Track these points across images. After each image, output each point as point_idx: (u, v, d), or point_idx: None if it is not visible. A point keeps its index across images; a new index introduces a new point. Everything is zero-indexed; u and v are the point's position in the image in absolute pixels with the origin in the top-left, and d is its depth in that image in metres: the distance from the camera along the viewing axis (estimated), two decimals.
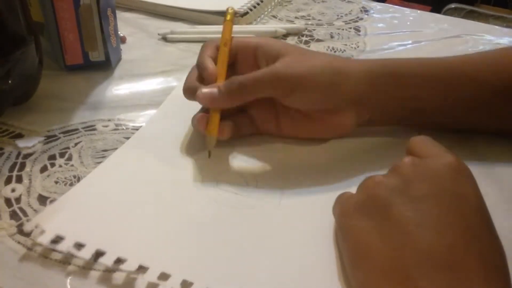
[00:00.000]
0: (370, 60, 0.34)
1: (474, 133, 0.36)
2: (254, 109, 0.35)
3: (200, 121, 0.33)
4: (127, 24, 0.56)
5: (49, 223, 0.27)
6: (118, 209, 0.29)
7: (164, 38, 0.53)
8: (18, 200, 0.30)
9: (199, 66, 0.34)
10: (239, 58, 0.35)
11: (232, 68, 0.35)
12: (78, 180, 0.32)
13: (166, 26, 0.55)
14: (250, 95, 0.32)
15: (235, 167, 0.33)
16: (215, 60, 0.34)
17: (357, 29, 0.58)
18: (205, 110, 0.34)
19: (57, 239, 0.27)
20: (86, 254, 0.26)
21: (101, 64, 0.45)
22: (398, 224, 0.22)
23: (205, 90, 0.32)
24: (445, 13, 1.34)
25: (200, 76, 0.34)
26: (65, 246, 0.26)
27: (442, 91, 0.33)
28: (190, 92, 0.34)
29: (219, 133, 0.33)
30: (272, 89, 0.32)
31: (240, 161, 0.34)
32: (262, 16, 0.60)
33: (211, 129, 0.32)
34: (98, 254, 0.26)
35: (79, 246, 0.26)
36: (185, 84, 0.35)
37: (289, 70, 0.32)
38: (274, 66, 0.32)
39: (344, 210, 0.26)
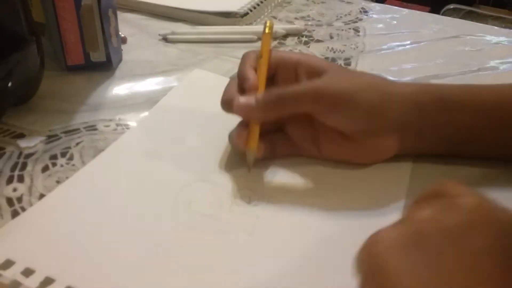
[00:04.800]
0: (416, 84, 0.33)
1: None
2: (292, 128, 0.33)
3: (240, 136, 0.31)
4: (128, 24, 0.56)
5: (1, 245, 0.26)
6: (77, 231, 0.28)
7: (165, 39, 0.53)
8: (19, 199, 0.30)
9: (240, 76, 0.33)
10: (279, 72, 0.34)
11: (272, 81, 0.34)
12: None
13: (167, 27, 0.55)
14: (289, 108, 0.31)
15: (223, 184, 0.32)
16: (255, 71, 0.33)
17: (356, 30, 0.58)
18: (243, 125, 0.32)
19: (7, 264, 0.25)
20: (33, 282, 0.24)
21: (102, 64, 0.45)
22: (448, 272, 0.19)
23: (242, 99, 0.31)
24: (444, 14, 1.35)
25: (240, 87, 0.33)
26: (12, 272, 0.25)
27: (493, 119, 0.31)
28: (228, 103, 0.32)
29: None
30: (313, 104, 0.30)
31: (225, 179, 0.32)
32: (262, 16, 0.60)
33: (251, 143, 0.31)
34: (47, 281, 0.25)
35: (28, 272, 0.25)
36: (223, 95, 0.33)
37: (332, 85, 0.30)
38: (317, 81, 0.31)
39: (386, 246, 0.20)
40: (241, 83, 0.32)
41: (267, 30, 0.36)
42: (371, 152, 0.32)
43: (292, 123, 0.33)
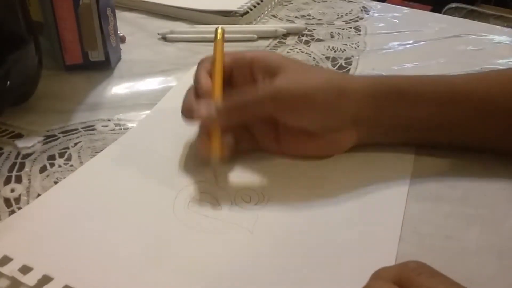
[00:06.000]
0: (371, 77, 0.34)
1: (469, 151, 0.34)
2: (254, 125, 0.34)
3: (202, 145, 0.31)
4: (127, 23, 0.56)
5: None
6: (76, 229, 0.28)
7: (164, 38, 0.53)
8: (17, 200, 0.30)
9: (195, 83, 0.33)
10: (235, 73, 0.34)
11: (229, 84, 0.34)
12: None
13: (166, 26, 0.55)
14: (250, 114, 0.31)
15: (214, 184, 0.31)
16: (211, 76, 0.33)
17: (357, 29, 0.58)
18: (204, 132, 0.32)
19: (5, 260, 0.25)
20: (31, 280, 0.24)
21: (100, 63, 0.45)
22: None
23: (202, 108, 0.30)
24: (446, 13, 1.34)
25: (196, 93, 0.33)
26: (9, 269, 0.24)
27: (444, 109, 0.32)
28: (188, 111, 0.32)
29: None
30: (272, 107, 0.31)
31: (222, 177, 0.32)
32: (262, 15, 0.60)
33: (214, 149, 0.30)
34: (45, 280, 0.24)
35: (26, 269, 0.25)
36: (183, 103, 0.33)
37: (289, 86, 0.31)
38: (274, 84, 0.31)
39: None
40: (196, 90, 0.33)
41: (218, 37, 0.35)
42: (330, 145, 0.33)
43: (254, 121, 0.34)
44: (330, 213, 0.30)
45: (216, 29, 0.36)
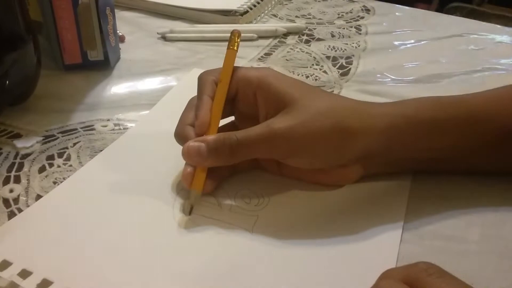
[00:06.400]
0: (388, 108, 0.30)
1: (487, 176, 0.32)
2: None
3: (186, 178, 0.29)
4: (126, 23, 0.56)
5: None
6: (75, 232, 0.27)
7: (164, 37, 0.53)
8: (16, 200, 0.30)
9: (195, 107, 0.31)
10: (239, 96, 0.31)
11: (232, 103, 0.32)
12: None
13: (166, 25, 0.55)
14: (241, 157, 0.29)
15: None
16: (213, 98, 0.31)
17: (358, 28, 0.57)
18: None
19: (4, 264, 0.25)
20: (30, 284, 0.24)
21: (99, 63, 0.45)
22: None
23: (192, 145, 0.28)
24: (447, 12, 1.34)
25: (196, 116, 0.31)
26: (9, 273, 0.24)
27: (463, 136, 0.30)
28: (181, 139, 0.30)
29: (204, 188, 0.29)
30: (268, 153, 0.29)
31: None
32: (262, 15, 0.60)
33: (196, 185, 0.29)
34: (45, 284, 0.24)
35: (25, 273, 0.25)
36: (178, 125, 0.31)
37: (287, 133, 0.28)
38: (272, 127, 0.28)
39: None
40: (195, 115, 0.30)
41: (233, 46, 0.32)
42: (334, 178, 0.31)
43: None
44: (331, 214, 0.30)
45: (231, 34, 0.33)
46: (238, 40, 0.33)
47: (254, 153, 0.29)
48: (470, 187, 0.32)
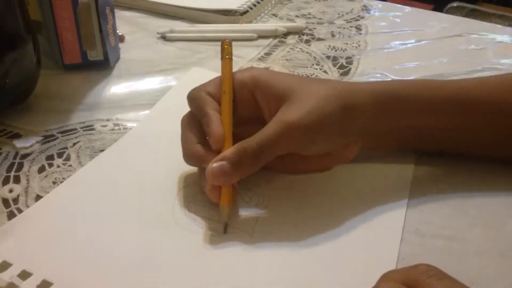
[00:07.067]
0: (373, 86, 0.32)
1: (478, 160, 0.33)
2: None
3: (213, 193, 0.28)
4: (126, 22, 0.56)
5: None
6: (75, 233, 0.27)
7: (163, 37, 0.53)
8: (15, 200, 0.30)
9: (204, 124, 0.30)
10: (238, 100, 0.31)
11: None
12: None
13: (165, 25, 0.55)
14: (266, 161, 0.29)
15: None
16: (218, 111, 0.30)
17: (358, 28, 0.57)
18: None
19: (4, 266, 0.25)
20: (30, 285, 0.24)
21: (99, 63, 0.45)
22: None
23: (215, 166, 0.27)
24: (447, 12, 1.34)
25: (201, 135, 0.30)
26: (9, 274, 0.24)
27: (449, 116, 0.31)
28: (195, 160, 0.29)
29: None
30: (288, 147, 0.29)
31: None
32: (262, 14, 0.60)
33: (225, 201, 0.28)
34: (44, 285, 0.24)
35: (25, 274, 0.24)
36: (185, 149, 0.30)
37: (302, 120, 0.28)
38: (286, 120, 0.28)
39: None
40: (207, 133, 0.30)
41: (228, 55, 0.32)
42: (336, 159, 0.32)
43: None
44: (331, 215, 0.29)
45: (222, 43, 0.33)
46: (230, 47, 0.33)
47: (276, 152, 0.29)
48: (471, 187, 0.32)
